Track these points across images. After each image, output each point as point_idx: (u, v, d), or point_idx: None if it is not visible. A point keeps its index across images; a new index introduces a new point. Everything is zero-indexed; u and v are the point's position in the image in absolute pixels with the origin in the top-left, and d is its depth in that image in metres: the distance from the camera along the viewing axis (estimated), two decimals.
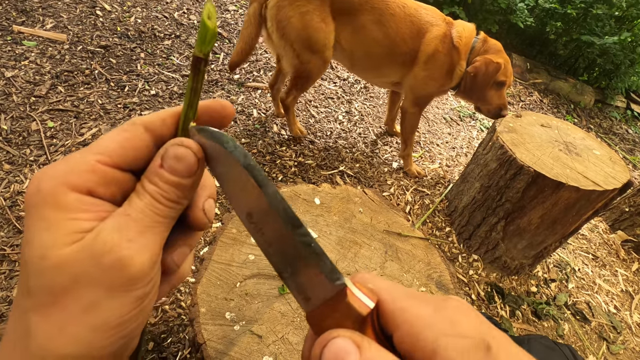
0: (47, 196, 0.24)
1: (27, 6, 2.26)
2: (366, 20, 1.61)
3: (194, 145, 0.28)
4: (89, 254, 0.24)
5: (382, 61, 1.73)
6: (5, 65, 1.88)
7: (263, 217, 0.26)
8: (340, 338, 0.23)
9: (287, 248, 0.26)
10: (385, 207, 1.03)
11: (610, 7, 3.37)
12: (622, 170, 1.47)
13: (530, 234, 1.55)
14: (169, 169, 0.27)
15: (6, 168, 1.49)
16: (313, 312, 0.26)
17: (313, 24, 1.56)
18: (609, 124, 3.77)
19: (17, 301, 0.25)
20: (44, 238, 0.23)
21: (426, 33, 1.65)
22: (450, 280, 0.90)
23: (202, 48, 0.27)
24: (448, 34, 1.66)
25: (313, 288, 0.26)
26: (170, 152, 0.27)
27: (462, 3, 3.57)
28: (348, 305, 0.24)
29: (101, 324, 0.24)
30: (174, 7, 2.75)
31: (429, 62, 1.69)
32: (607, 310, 1.74)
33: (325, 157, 1.99)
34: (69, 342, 0.24)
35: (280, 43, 1.62)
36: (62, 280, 0.23)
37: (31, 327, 0.23)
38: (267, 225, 0.26)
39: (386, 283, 0.27)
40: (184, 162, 0.27)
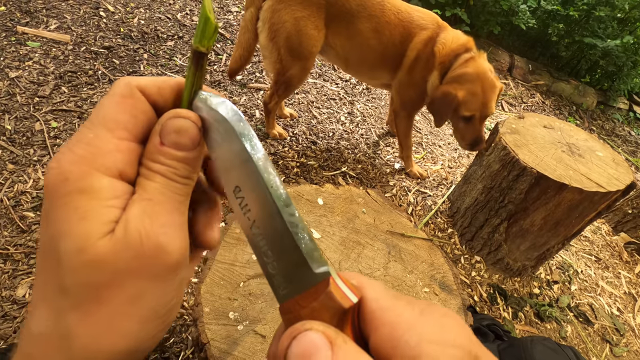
0: (78, 183, 0.22)
1: (31, 7, 2.27)
2: (362, 27, 1.60)
3: (193, 115, 0.26)
4: (124, 245, 0.22)
5: (375, 65, 1.71)
6: (10, 65, 1.89)
7: (252, 192, 0.24)
8: (312, 331, 0.20)
9: (271, 228, 0.24)
10: (388, 207, 1.03)
11: (612, 9, 3.36)
12: (625, 172, 1.47)
13: (533, 235, 1.55)
14: (173, 145, 0.25)
15: (10, 168, 1.49)
16: (289, 302, 0.23)
17: (307, 30, 1.56)
18: (612, 126, 3.76)
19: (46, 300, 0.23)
20: (80, 229, 0.22)
21: (414, 37, 1.61)
22: (454, 281, 0.90)
23: (204, 42, 0.25)
24: (434, 38, 1.59)
25: (294, 274, 0.23)
26: (169, 127, 0.25)
27: (464, 5, 3.57)
28: (329, 295, 0.22)
29: (150, 314, 0.23)
30: (177, 8, 2.76)
31: (411, 67, 1.65)
32: (610, 313, 1.73)
33: (328, 158, 1.99)
34: (119, 338, 0.23)
35: (267, 45, 1.58)
36: (103, 275, 0.22)
37: (72, 327, 0.22)
38: (254, 202, 0.24)
39: (371, 281, 0.25)
40: (187, 135, 0.25)
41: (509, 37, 4.04)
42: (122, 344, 0.23)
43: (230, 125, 0.25)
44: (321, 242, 0.89)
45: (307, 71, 1.70)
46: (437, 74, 1.61)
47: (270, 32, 1.55)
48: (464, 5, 3.57)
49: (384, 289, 0.24)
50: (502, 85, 1.58)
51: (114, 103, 0.25)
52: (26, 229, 1.33)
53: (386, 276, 0.87)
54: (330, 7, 1.55)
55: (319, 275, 0.23)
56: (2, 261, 1.24)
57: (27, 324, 0.23)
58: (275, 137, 1.97)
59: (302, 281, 0.23)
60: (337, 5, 1.55)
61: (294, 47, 1.57)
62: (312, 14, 1.54)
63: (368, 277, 0.26)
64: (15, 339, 1.09)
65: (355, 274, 0.25)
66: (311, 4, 1.52)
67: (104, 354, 0.22)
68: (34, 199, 1.42)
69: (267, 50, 1.61)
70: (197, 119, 0.26)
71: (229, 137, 0.25)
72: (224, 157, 0.26)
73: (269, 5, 1.50)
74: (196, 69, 0.26)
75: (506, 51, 3.80)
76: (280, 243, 0.24)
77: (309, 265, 0.23)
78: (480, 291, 1.61)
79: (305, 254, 0.23)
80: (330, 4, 1.55)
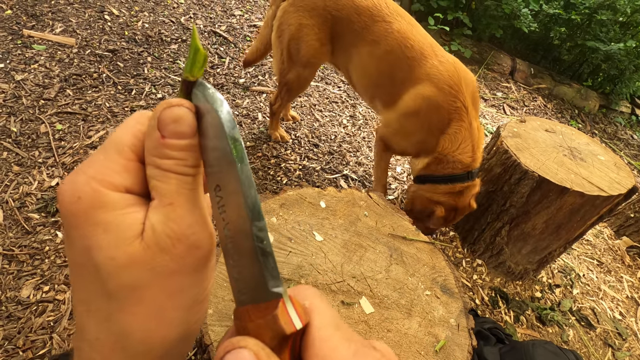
0: (91, 200, 0.24)
1: (37, 11, 2.30)
2: (363, 51, 1.47)
3: (185, 102, 0.26)
4: (158, 249, 0.24)
5: (371, 93, 1.57)
6: (16, 68, 1.91)
7: (230, 195, 0.25)
8: (245, 350, 0.21)
9: (240, 236, 0.25)
10: (390, 210, 1.04)
11: (614, 13, 3.37)
12: (627, 176, 1.47)
13: (535, 239, 1.55)
14: (174, 135, 0.25)
15: (15, 170, 1.51)
16: (242, 309, 0.25)
17: (307, 38, 1.53)
18: (614, 130, 3.76)
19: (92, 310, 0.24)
20: (106, 240, 0.23)
21: (417, 83, 1.37)
22: (455, 284, 0.91)
23: (194, 71, 0.26)
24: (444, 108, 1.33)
25: (251, 286, 0.25)
26: (166, 118, 0.25)
27: (466, 8, 3.58)
28: (275, 318, 0.23)
29: (192, 302, 0.26)
30: (181, 12, 2.78)
31: (406, 116, 1.42)
32: (612, 317, 1.73)
33: (330, 161, 2.00)
34: (170, 327, 0.25)
35: (274, 42, 1.63)
36: (141, 276, 0.24)
37: (125, 327, 0.24)
38: (231, 206, 0.25)
39: (323, 306, 0.25)
40: (185, 122, 0.25)
41: (510, 40, 4.05)
42: (173, 333, 0.25)
43: (222, 126, 0.25)
44: (323, 245, 0.90)
45: (304, 80, 1.67)
46: (428, 161, 1.44)
47: (278, 31, 1.58)
48: (466, 8, 3.58)
49: (330, 315, 0.25)
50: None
51: (126, 127, 0.26)
52: (31, 230, 1.34)
53: (388, 279, 0.87)
54: (336, 23, 1.49)
55: (272, 293, 0.24)
56: (7, 262, 1.25)
57: (79, 336, 0.25)
58: (277, 139, 1.98)
59: (257, 294, 0.24)
60: (342, 22, 1.48)
61: (293, 51, 1.57)
62: (316, 25, 1.50)
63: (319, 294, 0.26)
64: (19, 340, 1.10)
65: (309, 291, 0.26)
66: (318, 15, 1.49)
67: (159, 344, 0.25)
68: (39, 200, 1.43)
69: (274, 47, 1.64)
70: (191, 105, 0.26)
71: (219, 135, 0.25)
72: (211, 153, 0.26)
73: (283, 5, 1.53)
74: (186, 97, 0.27)
75: (508, 54, 3.81)
76: (246, 252, 0.25)
77: (266, 282, 0.24)
78: (482, 294, 1.61)
79: (264, 270, 0.24)
80: (336, 20, 1.48)
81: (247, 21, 2.97)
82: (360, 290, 0.83)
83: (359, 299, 0.81)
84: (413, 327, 0.80)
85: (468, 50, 3.60)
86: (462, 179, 1.39)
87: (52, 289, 1.22)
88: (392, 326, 0.79)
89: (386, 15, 1.41)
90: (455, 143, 1.35)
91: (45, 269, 1.26)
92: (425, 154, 1.46)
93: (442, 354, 0.77)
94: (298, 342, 0.24)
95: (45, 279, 1.24)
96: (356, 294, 0.82)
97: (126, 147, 0.26)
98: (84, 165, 0.25)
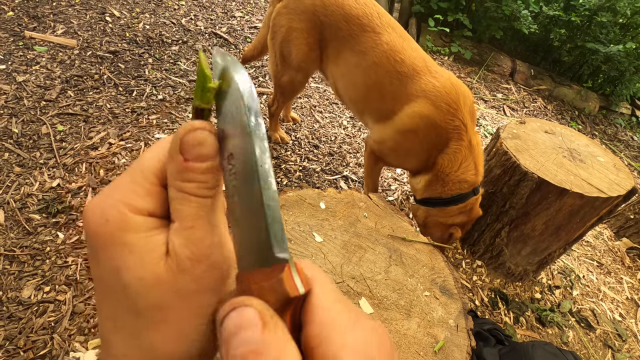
0: (118, 222, 0.25)
1: (39, 12, 2.31)
2: (351, 61, 1.42)
3: (207, 125, 0.26)
4: (180, 271, 0.25)
5: (360, 107, 1.52)
6: (17, 69, 1.91)
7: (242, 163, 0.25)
8: (251, 308, 0.22)
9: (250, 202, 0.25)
10: (390, 212, 1.04)
11: (614, 15, 3.37)
12: (626, 177, 1.47)
13: (535, 240, 1.55)
14: (197, 158, 0.26)
15: (17, 171, 1.51)
16: (244, 273, 0.25)
17: (297, 42, 1.50)
18: (614, 131, 3.76)
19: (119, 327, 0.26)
20: (133, 261, 0.25)
21: (412, 100, 1.32)
22: (454, 285, 0.91)
23: (205, 98, 0.27)
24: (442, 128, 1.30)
25: (256, 251, 0.25)
26: (189, 141, 0.26)
27: (466, 10, 3.59)
28: (280, 281, 0.23)
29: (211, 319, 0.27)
30: (182, 13, 2.79)
31: (402, 134, 1.37)
32: (612, 318, 1.73)
33: (330, 162, 2.00)
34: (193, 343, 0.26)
35: (268, 42, 1.64)
36: (167, 296, 0.25)
37: (152, 342, 0.25)
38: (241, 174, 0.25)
39: (323, 276, 0.26)
40: (208, 145, 0.26)
41: (511, 42, 4.06)
42: (195, 348, 0.26)
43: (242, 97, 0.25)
44: (323, 246, 0.90)
45: (298, 84, 1.65)
46: (428, 179, 1.41)
47: (271, 32, 1.59)
48: (466, 10, 3.59)
49: (331, 287, 0.26)
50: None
51: (150, 154, 0.28)
52: (32, 231, 1.35)
53: (387, 280, 0.87)
54: (324, 29, 1.45)
55: (277, 259, 0.24)
56: (8, 263, 1.26)
57: (106, 351, 0.27)
58: (277, 140, 1.99)
59: (261, 259, 0.25)
60: (331, 29, 1.43)
61: (286, 54, 1.56)
62: (305, 30, 1.47)
63: (321, 270, 0.28)
64: (20, 340, 1.10)
65: (312, 265, 0.27)
66: (307, 20, 1.45)
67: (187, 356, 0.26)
68: (40, 201, 1.44)
69: (269, 48, 1.65)
70: (212, 127, 0.27)
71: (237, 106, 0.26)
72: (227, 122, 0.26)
73: (277, 7, 1.54)
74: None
75: (508, 56, 3.81)
76: (254, 219, 0.25)
77: (272, 248, 0.24)
78: (482, 295, 1.61)
79: (271, 236, 0.24)
80: (324, 26, 1.44)
81: (248, 22, 2.98)
82: (359, 291, 0.84)
83: (358, 300, 0.82)
84: (412, 328, 0.80)
85: (468, 52, 3.60)
86: (469, 197, 1.38)
87: (52, 290, 1.23)
88: (391, 327, 0.79)
89: (376, 26, 1.37)
90: (456, 163, 1.33)
91: (46, 269, 1.26)
92: (425, 171, 1.43)
93: (441, 354, 0.77)
94: (299, 309, 0.25)
95: (46, 279, 1.24)
96: (355, 294, 0.83)
97: (151, 172, 0.27)
98: (111, 188, 0.26)
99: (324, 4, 1.42)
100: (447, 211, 1.40)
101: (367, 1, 1.41)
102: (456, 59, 3.64)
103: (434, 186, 1.40)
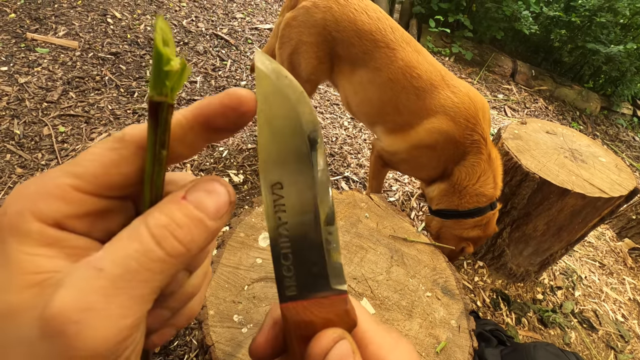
0: (10, 222, 0.19)
1: (41, 14, 2.32)
2: (365, 78, 1.39)
3: (230, 188, 0.23)
4: (33, 315, 0.18)
5: (373, 121, 1.49)
6: (19, 71, 1.92)
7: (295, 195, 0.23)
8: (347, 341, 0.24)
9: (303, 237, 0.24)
10: (391, 212, 1.04)
11: (614, 15, 3.37)
12: (628, 178, 1.47)
13: (536, 240, 1.55)
14: (196, 202, 0.21)
15: (18, 172, 1.52)
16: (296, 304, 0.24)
17: (306, 55, 1.48)
18: (615, 131, 3.75)
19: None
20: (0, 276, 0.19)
21: (430, 116, 1.30)
22: (456, 286, 0.91)
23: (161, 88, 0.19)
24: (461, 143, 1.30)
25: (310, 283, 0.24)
26: (201, 185, 0.22)
27: (467, 11, 3.59)
28: (348, 312, 0.24)
29: None
30: (183, 15, 2.80)
31: (418, 148, 1.36)
32: (614, 319, 1.72)
33: (331, 163, 2.00)
34: None
35: (277, 52, 1.63)
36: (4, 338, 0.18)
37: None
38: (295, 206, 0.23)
39: (358, 303, 0.28)
40: (215, 198, 0.22)
41: (511, 42, 4.06)
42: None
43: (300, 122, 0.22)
44: None
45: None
46: (444, 189, 1.39)
47: (280, 42, 1.58)
48: (466, 11, 3.59)
49: (369, 314, 0.28)
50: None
51: (94, 151, 0.22)
52: None
53: (389, 280, 0.87)
54: (336, 44, 1.41)
55: (335, 290, 0.25)
56: None
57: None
58: None
59: (315, 290, 0.25)
60: (343, 44, 1.39)
61: (294, 65, 1.55)
62: (315, 44, 1.44)
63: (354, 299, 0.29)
64: None
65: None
66: (317, 34, 1.42)
67: None
68: None
69: (277, 58, 1.65)
70: (233, 193, 0.22)
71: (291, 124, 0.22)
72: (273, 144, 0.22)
73: (286, 17, 1.52)
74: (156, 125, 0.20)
75: (509, 56, 3.81)
76: (308, 253, 0.24)
77: (329, 280, 0.25)
78: (484, 296, 1.61)
79: (329, 270, 0.25)
80: (336, 41, 1.40)
81: (249, 24, 2.98)
82: (361, 292, 0.84)
83: (359, 301, 0.82)
84: (414, 329, 0.80)
85: (469, 52, 3.60)
86: (486, 211, 1.35)
87: None
88: (393, 327, 0.79)
89: (390, 41, 1.33)
90: (474, 175, 1.31)
91: None
92: (440, 180, 1.41)
93: (443, 355, 0.77)
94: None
95: None
96: (357, 295, 0.83)
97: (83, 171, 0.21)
98: (38, 176, 0.21)
99: (335, 19, 1.37)
100: (463, 224, 1.37)
101: (379, 16, 1.37)
102: (457, 60, 3.64)
103: (451, 197, 1.37)
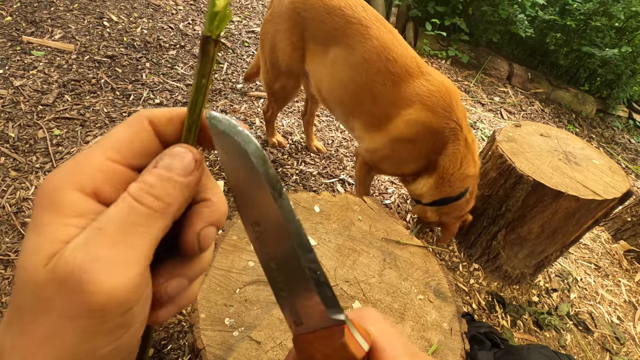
0: (47, 196, 0.21)
1: (37, 17, 2.32)
2: (337, 57, 1.33)
3: (195, 150, 0.25)
4: (52, 275, 0.20)
5: (347, 110, 1.43)
6: (14, 74, 1.92)
7: (271, 230, 0.24)
8: None
9: (290, 269, 0.24)
10: (384, 215, 1.04)
11: (609, 19, 3.40)
12: (621, 180, 1.47)
13: (531, 243, 1.55)
14: (164, 166, 0.24)
15: (12, 175, 1.51)
16: (302, 336, 0.24)
17: (281, 44, 1.45)
18: (611, 134, 3.77)
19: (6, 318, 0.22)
20: (32, 246, 0.21)
21: (408, 106, 1.27)
22: (449, 288, 0.91)
23: (212, 28, 0.24)
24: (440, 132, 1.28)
25: (309, 315, 0.24)
26: (166, 152, 0.24)
27: (463, 14, 3.61)
28: (344, 346, 0.23)
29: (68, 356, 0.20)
30: (179, 18, 2.81)
31: (399, 141, 1.33)
32: (610, 321, 1.72)
33: (327, 165, 2.00)
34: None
35: (260, 54, 1.64)
36: (31, 301, 0.20)
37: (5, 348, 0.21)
38: (274, 240, 0.24)
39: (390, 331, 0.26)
40: (180, 159, 0.24)
41: (508, 45, 4.08)
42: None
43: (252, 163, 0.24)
44: (317, 249, 0.90)
45: (290, 89, 1.62)
46: (433, 182, 1.39)
47: (260, 42, 1.59)
48: (462, 14, 3.61)
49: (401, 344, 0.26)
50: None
51: (119, 128, 0.25)
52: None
53: (381, 283, 0.87)
54: (306, 25, 1.36)
55: (333, 320, 0.24)
56: (3, 267, 1.25)
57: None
58: (275, 145, 1.99)
59: (315, 320, 0.24)
60: (313, 24, 1.35)
61: (274, 60, 1.52)
62: (288, 29, 1.41)
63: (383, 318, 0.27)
64: None
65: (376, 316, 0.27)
66: (289, 19, 1.39)
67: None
68: None
69: (260, 59, 1.66)
70: (199, 153, 0.25)
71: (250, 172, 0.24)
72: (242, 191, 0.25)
73: (265, 17, 1.54)
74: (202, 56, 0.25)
75: (505, 59, 3.83)
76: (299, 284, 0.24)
77: (325, 311, 0.24)
78: (479, 299, 1.61)
79: (322, 299, 0.24)
80: (305, 22, 1.35)
81: (245, 27, 2.99)
82: (353, 295, 0.83)
83: (352, 304, 0.82)
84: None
85: (465, 55, 3.62)
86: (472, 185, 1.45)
87: None
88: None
89: (363, 18, 1.28)
90: (457, 162, 1.33)
91: None
92: (426, 174, 1.41)
93: (435, 358, 0.77)
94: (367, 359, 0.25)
95: None
96: (349, 298, 0.83)
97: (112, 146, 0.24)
98: (71, 158, 0.23)
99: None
100: (459, 205, 1.45)
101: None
102: (453, 63, 3.66)
103: (442, 187, 1.40)
